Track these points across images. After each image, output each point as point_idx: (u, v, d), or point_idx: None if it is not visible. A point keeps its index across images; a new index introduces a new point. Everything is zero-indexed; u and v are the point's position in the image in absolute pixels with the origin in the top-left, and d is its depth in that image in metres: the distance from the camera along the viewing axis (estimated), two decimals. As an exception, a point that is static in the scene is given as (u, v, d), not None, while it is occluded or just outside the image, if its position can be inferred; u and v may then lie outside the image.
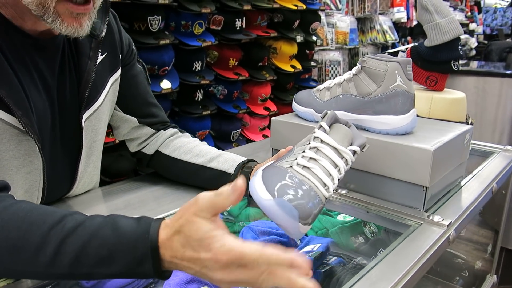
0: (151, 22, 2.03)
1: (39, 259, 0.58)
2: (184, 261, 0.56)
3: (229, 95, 2.53)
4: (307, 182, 0.65)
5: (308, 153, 0.69)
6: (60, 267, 0.58)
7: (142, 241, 0.57)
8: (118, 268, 0.58)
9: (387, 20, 4.04)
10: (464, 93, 1.64)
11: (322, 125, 0.73)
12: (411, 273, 0.70)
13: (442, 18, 1.55)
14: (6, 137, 0.78)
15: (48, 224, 0.59)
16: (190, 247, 0.55)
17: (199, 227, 0.55)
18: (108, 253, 0.57)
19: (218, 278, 0.54)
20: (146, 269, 0.57)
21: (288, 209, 0.61)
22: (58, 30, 0.77)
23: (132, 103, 1.05)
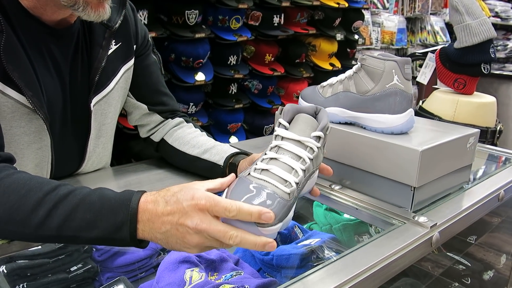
0: (188, 16, 2.11)
1: (31, 220, 0.65)
2: (163, 216, 0.63)
3: (263, 90, 2.57)
4: (266, 185, 0.66)
5: (269, 154, 0.70)
6: (48, 229, 0.65)
7: (123, 207, 0.65)
8: (99, 232, 0.65)
9: (439, 20, 3.90)
10: (494, 98, 1.58)
11: (280, 122, 0.74)
12: (373, 269, 0.70)
13: (473, 19, 1.50)
14: (18, 114, 0.87)
15: (44, 191, 0.67)
16: (174, 199, 0.63)
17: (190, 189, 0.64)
18: (93, 217, 0.65)
19: (193, 224, 0.61)
20: (123, 234, 0.64)
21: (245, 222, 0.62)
22: (86, 17, 0.85)
23: (144, 91, 1.12)
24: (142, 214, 0.64)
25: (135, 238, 0.65)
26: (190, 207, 0.62)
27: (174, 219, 0.63)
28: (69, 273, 0.99)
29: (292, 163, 0.69)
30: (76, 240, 0.66)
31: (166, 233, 0.64)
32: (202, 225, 0.61)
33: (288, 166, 0.68)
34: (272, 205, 0.64)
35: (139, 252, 1.15)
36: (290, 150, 0.70)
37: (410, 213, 0.89)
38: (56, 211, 0.65)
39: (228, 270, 0.99)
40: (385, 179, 0.92)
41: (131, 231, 0.64)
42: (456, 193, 1.03)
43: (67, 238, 0.66)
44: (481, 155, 1.39)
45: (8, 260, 0.88)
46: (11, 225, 0.66)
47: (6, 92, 0.83)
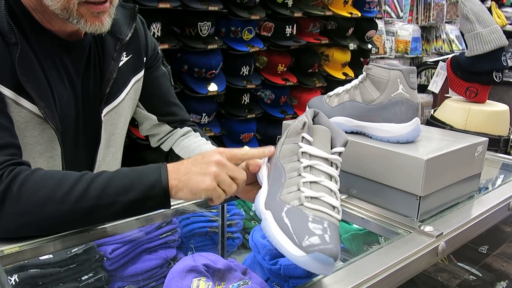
0: (201, 27, 2.15)
1: (71, 195, 0.73)
2: (189, 161, 0.77)
3: (276, 100, 2.58)
4: (322, 216, 0.65)
5: (306, 176, 0.69)
6: (87, 200, 0.73)
7: (154, 171, 0.76)
8: (136, 194, 0.74)
9: (454, 29, 3.88)
10: (507, 106, 1.56)
11: (304, 136, 0.73)
12: (378, 278, 0.70)
13: (484, 27, 1.49)
14: (31, 124, 0.90)
15: (79, 174, 0.76)
16: (199, 156, 0.77)
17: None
18: (129, 181, 0.75)
19: (215, 158, 0.75)
20: (157, 190, 0.75)
21: (324, 260, 0.61)
22: (83, 28, 0.88)
23: (154, 102, 1.14)
24: (171, 167, 0.77)
25: (167, 190, 0.75)
26: (212, 151, 0.77)
27: (198, 160, 0.76)
28: (80, 282, 1.01)
29: (331, 185, 0.69)
30: (113, 206, 0.74)
31: (189, 173, 0.75)
32: (223, 159, 0.75)
33: (329, 189, 0.68)
34: (335, 236, 0.63)
35: (150, 262, 1.16)
36: (324, 171, 0.70)
37: (416, 222, 0.89)
38: (94, 184, 0.74)
39: (236, 279, 0.99)
40: (391, 188, 0.92)
41: (164, 184, 0.74)
42: (464, 202, 1.02)
43: (105, 206, 0.74)
44: (494, 164, 1.37)
45: (20, 269, 0.90)
46: (49, 205, 0.73)
47: (20, 103, 0.86)
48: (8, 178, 0.74)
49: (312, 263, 0.61)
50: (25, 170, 0.76)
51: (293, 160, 0.73)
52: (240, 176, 0.76)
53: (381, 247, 0.80)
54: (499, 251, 1.42)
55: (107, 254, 1.08)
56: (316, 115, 0.78)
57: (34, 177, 0.75)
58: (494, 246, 1.40)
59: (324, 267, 0.61)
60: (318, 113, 0.78)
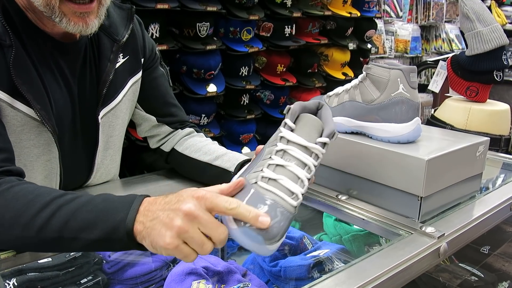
0: (199, 28, 2.14)
1: (35, 222, 0.66)
2: (161, 203, 0.63)
3: (275, 101, 2.57)
4: (273, 198, 0.64)
5: (275, 159, 0.68)
6: (50, 231, 0.66)
7: (125, 206, 0.65)
8: (99, 233, 0.64)
9: (454, 28, 3.87)
10: (508, 106, 1.56)
11: (286, 122, 0.71)
12: (379, 280, 0.69)
13: (484, 26, 1.49)
14: (27, 127, 0.89)
15: (52, 196, 0.69)
16: (176, 194, 0.63)
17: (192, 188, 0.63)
18: (94, 217, 0.65)
19: (186, 207, 0.59)
20: (121, 233, 0.63)
21: (252, 236, 0.60)
22: (66, 28, 0.85)
23: (152, 103, 1.13)
24: (144, 206, 0.64)
25: (132, 235, 0.63)
26: (188, 195, 0.61)
27: (171, 201, 0.62)
28: (79, 285, 1.00)
29: (298, 172, 0.67)
30: (75, 242, 0.66)
31: (155, 219, 0.61)
32: (195, 211, 0.59)
33: (295, 175, 0.67)
34: (280, 221, 0.62)
35: (149, 264, 1.15)
36: (296, 156, 0.68)
37: (418, 223, 0.88)
38: (59, 213, 0.66)
39: (235, 282, 0.98)
40: (392, 189, 0.91)
41: (128, 229, 0.63)
42: (466, 202, 1.01)
43: (67, 240, 0.66)
44: (495, 164, 1.36)
45: (18, 273, 0.89)
46: (15, 229, 0.68)
47: (15, 106, 0.85)
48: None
49: (241, 237, 0.61)
50: (4, 184, 0.72)
51: (273, 144, 0.72)
52: (217, 234, 0.60)
53: (382, 248, 0.79)
54: (500, 251, 1.42)
55: (106, 257, 1.07)
56: (321, 107, 0.77)
57: (7, 195, 0.70)
58: (495, 246, 1.40)
59: (255, 244, 0.61)
60: (322, 106, 0.77)
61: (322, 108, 0.76)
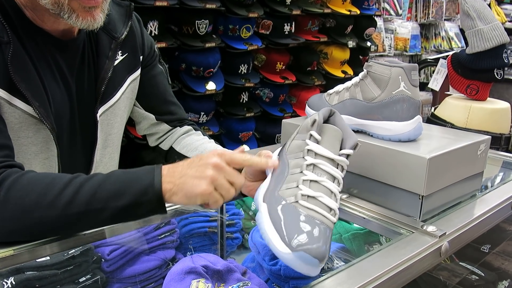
0: (198, 25, 2.13)
1: (60, 200, 0.69)
2: (185, 163, 0.72)
3: (275, 99, 2.56)
4: (316, 217, 0.64)
5: (308, 174, 0.68)
6: (77, 205, 0.69)
7: (148, 174, 0.71)
8: (128, 198, 0.70)
9: (453, 26, 3.86)
10: (508, 104, 1.55)
11: (312, 134, 0.71)
12: (380, 280, 0.69)
13: (485, 24, 1.48)
14: (25, 125, 0.88)
15: (69, 177, 0.72)
16: (196, 157, 0.73)
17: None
18: (119, 186, 0.71)
19: (212, 161, 0.70)
20: (150, 195, 0.70)
21: (308, 260, 0.60)
22: (75, 24, 0.85)
23: (151, 101, 1.12)
24: (166, 170, 0.72)
25: (160, 196, 0.70)
26: (210, 153, 0.72)
27: (194, 162, 0.72)
28: (77, 284, 0.99)
29: (332, 186, 0.67)
30: (103, 213, 0.70)
31: (184, 176, 0.70)
32: (221, 163, 0.70)
33: (329, 190, 0.67)
34: (327, 239, 0.62)
35: (149, 263, 1.15)
36: (327, 171, 0.68)
37: (419, 222, 0.88)
38: (83, 188, 0.70)
39: (235, 280, 0.97)
40: (393, 188, 0.91)
41: (157, 189, 0.70)
42: (467, 201, 1.00)
43: (95, 212, 0.70)
44: (495, 162, 1.35)
45: (16, 271, 0.88)
46: (37, 211, 0.70)
47: (13, 103, 0.84)
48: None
49: (297, 262, 0.60)
50: (14, 173, 0.73)
51: (299, 156, 0.72)
52: (238, 181, 0.72)
53: (383, 247, 0.78)
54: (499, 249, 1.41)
55: (105, 255, 1.06)
56: (332, 114, 0.77)
57: (22, 181, 0.72)
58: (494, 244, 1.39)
59: (309, 267, 0.60)
60: (334, 113, 0.77)
61: (334, 115, 0.77)
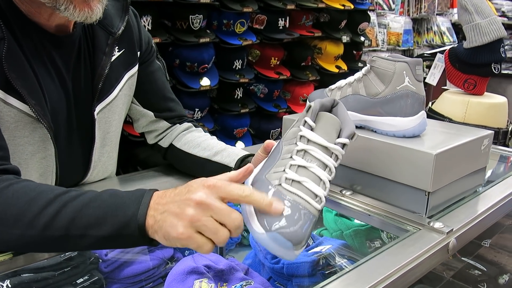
0: (192, 20, 2.10)
1: (39, 220, 0.64)
2: (171, 195, 0.61)
3: (269, 94, 2.55)
4: (298, 201, 0.62)
5: (296, 159, 0.66)
6: (56, 228, 0.63)
7: (135, 201, 0.63)
8: (109, 229, 0.63)
9: (445, 21, 3.87)
10: (505, 98, 1.55)
11: (306, 120, 0.69)
12: (390, 279, 0.68)
13: (482, 18, 1.47)
14: (21, 124, 0.85)
15: (55, 193, 0.66)
16: (185, 185, 0.62)
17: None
18: (102, 213, 0.63)
19: (197, 197, 0.58)
20: (132, 228, 0.62)
21: (281, 242, 0.59)
22: (71, 17, 0.81)
23: (150, 98, 1.10)
24: (153, 201, 0.63)
25: (143, 230, 0.62)
26: (198, 185, 0.60)
27: (181, 192, 0.61)
28: (75, 285, 0.97)
29: (320, 173, 0.65)
30: (83, 240, 0.64)
31: (166, 211, 0.60)
32: (207, 199, 0.58)
33: (317, 177, 0.65)
34: (306, 224, 0.61)
35: (147, 263, 1.13)
36: (318, 157, 0.66)
37: (425, 218, 0.87)
38: (65, 210, 0.64)
39: (238, 280, 0.96)
40: (398, 184, 0.90)
41: (140, 223, 0.61)
42: (471, 196, 0.99)
43: (74, 238, 0.64)
44: (493, 157, 1.35)
45: (13, 274, 0.86)
46: (17, 227, 0.65)
47: (9, 101, 0.82)
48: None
49: (270, 243, 0.59)
50: (2, 182, 0.69)
51: (292, 142, 0.70)
52: (231, 221, 0.58)
53: (391, 245, 0.77)
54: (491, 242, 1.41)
55: (102, 255, 1.04)
56: (336, 105, 0.75)
57: (7, 193, 0.67)
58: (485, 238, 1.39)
59: (283, 250, 0.59)
60: (337, 104, 0.75)
61: (337, 106, 0.75)
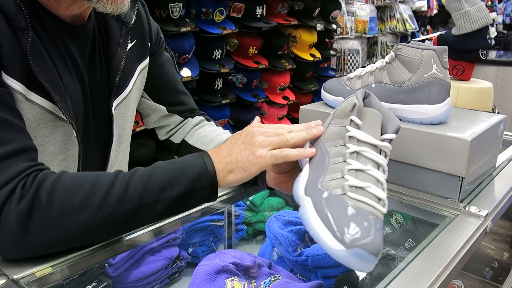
0: (172, 9, 2.02)
1: (110, 198, 0.65)
2: (227, 144, 0.72)
3: (248, 84, 2.52)
4: (366, 209, 0.59)
5: (352, 163, 0.64)
6: (129, 201, 0.66)
7: (197, 159, 0.70)
8: (181, 188, 0.68)
9: (407, 8, 3.98)
10: (491, 83, 1.61)
11: (353, 119, 0.67)
12: (452, 265, 0.68)
13: (471, 6, 1.52)
14: (43, 122, 0.78)
15: (112, 175, 0.67)
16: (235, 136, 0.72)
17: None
18: (171, 175, 0.68)
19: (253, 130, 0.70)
20: (204, 181, 0.69)
21: (365, 257, 0.56)
22: (102, 9, 0.77)
23: (161, 92, 1.05)
24: (212, 155, 0.71)
25: (215, 179, 0.69)
26: (246, 128, 0.72)
27: (235, 138, 0.71)
28: (85, 293, 0.93)
29: (378, 175, 0.63)
30: (157, 205, 0.67)
31: (233, 153, 0.69)
32: (260, 127, 0.70)
33: (375, 179, 0.63)
34: (379, 231, 0.58)
35: (154, 264, 1.09)
36: (371, 158, 0.64)
37: (458, 203, 0.88)
38: (132, 182, 0.66)
39: (265, 275, 0.94)
40: (429, 171, 0.90)
41: (211, 172, 0.69)
42: (487, 179, 1.03)
43: (148, 206, 0.67)
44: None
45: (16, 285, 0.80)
46: (86, 211, 0.64)
47: (30, 98, 0.75)
48: (33, 185, 0.64)
49: (352, 259, 0.56)
50: (50, 175, 0.66)
51: (339, 144, 0.67)
52: (283, 130, 0.71)
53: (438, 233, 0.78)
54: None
55: (109, 260, 0.99)
56: (367, 96, 0.73)
57: (63, 181, 0.65)
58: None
59: (364, 264, 0.56)
60: (369, 95, 0.73)
61: (369, 97, 0.72)
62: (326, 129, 0.71)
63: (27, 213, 0.62)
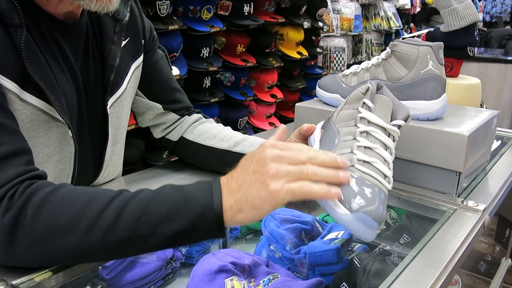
0: (159, 6, 2.00)
1: (100, 224, 0.58)
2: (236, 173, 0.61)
3: (236, 82, 2.50)
4: (372, 181, 0.62)
5: (361, 141, 0.67)
6: (120, 230, 0.58)
7: (204, 192, 0.60)
8: (180, 224, 0.59)
9: (391, 6, 4.01)
10: (479, 79, 1.63)
11: (365, 102, 0.70)
12: (455, 259, 0.69)
13: (459, 3, 1.53)
14: (37, 123, 0.76)
15: (109, 196, 0.61)
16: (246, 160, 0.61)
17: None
18: (172, 207, 0.59)
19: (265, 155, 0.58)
20: (208, 219, 0.59)
21: (368, 223, 0.58)
22: (87, 6, 0.74)
23: (157, 90, 1.03)
24: (223, 186, 0.61)
25: (221, 218, 0.59)
26: (259, 150, 0.60)
27: (247, 164, 0.60)
28: (79, 297, 0.91)
29: (385, 154, 0.66)
30: (151, 239, 0.59)
31: (243, 185, 0.59)
32: (277, 152, 0.58)
33: (382, 157, 0.66)
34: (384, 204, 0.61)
35: (148, 265, 1.08)
36: (380, 139, 0.67)
37: (456, 198, 0.89)
38: (128, 209, 0.59)
39: (264, 274, 0.94)
40: (427, 166, 0.91)
41: (217, 211, 0.58)
42: (482, 174, 1.04)
43: (141, 239, 0.59)
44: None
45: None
46: (73, 235, 0.59)
47: (24, 98, 0.72)
48: (21, 198, 0.60)
49: (356, 223, 0.59)
50: (44, 187, 0.62)
51: (350, 124, 0.71)
52: (307, 158, 0.59)
53: (440, 226, 0.78)
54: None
55: (103, 262, 0.97)
56: (380, 88, 0.75)
57: (55, 197, 0.61)
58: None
59: (367, 230, 0.59)
60: (382, 87, 0.75)
61: (382, 88, 0.74)
62: (339, 113, 0.74)
63: (12, 226, 0.59)
